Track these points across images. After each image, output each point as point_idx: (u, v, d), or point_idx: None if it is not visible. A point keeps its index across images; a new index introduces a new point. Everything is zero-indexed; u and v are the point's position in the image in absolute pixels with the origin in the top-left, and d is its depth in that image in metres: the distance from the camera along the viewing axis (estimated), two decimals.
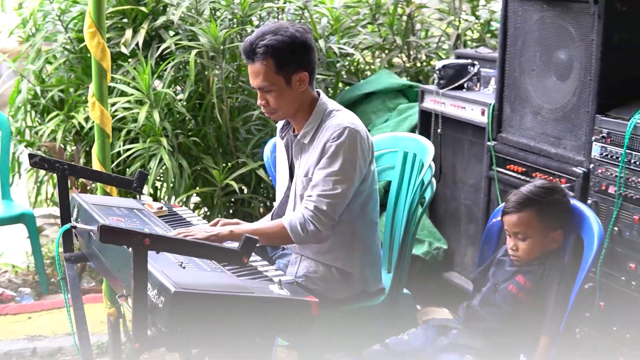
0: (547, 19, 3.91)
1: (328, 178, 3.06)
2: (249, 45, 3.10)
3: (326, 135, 3.12)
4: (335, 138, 3.09)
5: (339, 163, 3.07)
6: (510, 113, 4.19)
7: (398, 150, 3.61)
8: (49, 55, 4.99)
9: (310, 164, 3.15)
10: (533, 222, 2.99)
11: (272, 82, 3.10)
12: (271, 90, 3.12)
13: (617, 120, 3.56)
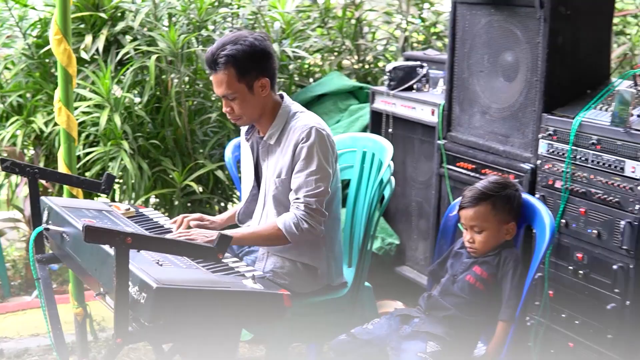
0: (494, 23, 4.10)
1: (309, 178, 3.21)
2: (210, 56, 3.23)
3: (294, 136, 3.26)
4: (304, 139, 3.23)
5: (315, 162, 3.22)
6: (459, 113, 4.38)
7: (357, 150, 3.76)
8: (7, 61, 5.04)
9: (282, 165, 3.29)
10: (488, 216, 3.16)
11: (235, 90, 3.23)
12: (235, 97, 3.25)
13: (562, 118, 3.77)
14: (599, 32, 3.95)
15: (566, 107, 3.83)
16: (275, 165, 3.33)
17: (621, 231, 3.47)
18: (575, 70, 3.89)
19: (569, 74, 3.88)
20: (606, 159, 3.55)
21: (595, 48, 3.94)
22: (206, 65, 3.27)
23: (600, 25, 3.95)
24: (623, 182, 3.48)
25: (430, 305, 3.20)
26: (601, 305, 3.59)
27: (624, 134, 3.48)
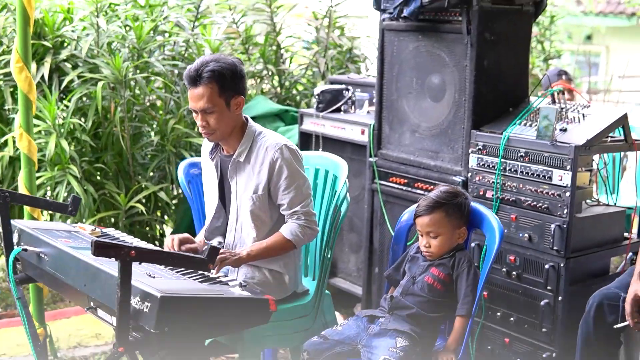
0: (422, 48, 4.46)
1: (299, 191, 3.51)
2: (194, 72, 3.43)
3: (267, 154, 3.50)
4: (279, 157, 3.48)
5: (297, 175, 3.51)
6: (389, 132, 4.71)
7: (309, 167, 4.02)
8: None
9: (258, 182, 3.52)
10: (442, 222, 3.48)
11: (215, 104, 3.45)
12: (213, 112, 3.46)
13: (490, 134, 4.15)
14: (519, 55, 4.37)
15: (492, 124, 4.22)
16: (247, 182, 3.56)
17: (552, 234, 3.86)
18: (499, 91, 4.28)
19: (494, 94, 4.27)
20: (534, 169, 3.94)
21: (515, 70, 4.35)
22: (187, 80, 3.45)
23: (519, 49, 4.36)
24: (551, 189, 3.88)
25: (393, 306, 3.48)
26: (534, 303, 3.97)
27: (550, 147, 3.88)
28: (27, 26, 3.85)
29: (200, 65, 3.45)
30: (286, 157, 3.51)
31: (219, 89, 3.45)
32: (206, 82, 3.43)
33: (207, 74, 3.43)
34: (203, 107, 3.46)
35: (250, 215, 3.56)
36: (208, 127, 3.51)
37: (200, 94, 3.45)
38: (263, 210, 3.56)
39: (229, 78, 3.46)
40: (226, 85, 3.46)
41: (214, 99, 3.45)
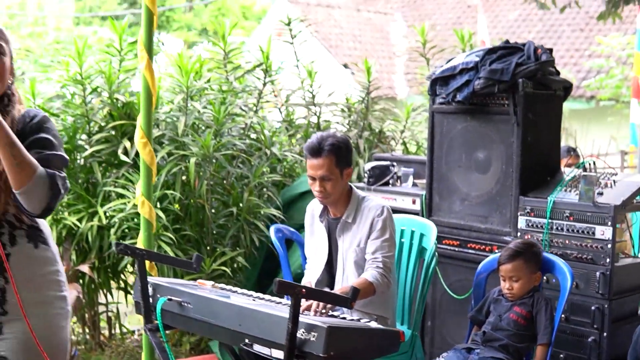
0: (470, 127, 5.21)
1: (384, 244, 4.13)
2: (316, 145, 4.12)
3: (370, 214, 4.18)
4: (379, 214, 4.16)
5: (388, 232, 4.15)
6: (439, 200, 5.42)
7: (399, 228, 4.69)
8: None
9: (361, 237, 4.18)
10: (522, 268, 4.19)
11: (332, 173, 4.13)
12: (330, 179, 4.14)
13: (537, 199, 4.90)
14: (553, 132, 5.16)
15: (536, 191, 4.97)
16: (352, 239, 4.22)
17: (597, 280, 4.59)
18: (539, 162, 5.05)
19: (535, 165, 5.03)
20: (579, 226, 4.69)
21: (550, 144, 5.14)
22: (309, 151, 4.13)
23: (553, 127, 5.15)
24: (594, 243, 4.62)
25: (486, 339, 4.15)
26: (582, 340, 4.66)
27: (592, 207, 4.64)
28: (151, 106, 4.49)
29: (321, 139, 4.14)
30: (384, 215, 4.19)
31: (336, 160, 4.14)
32: (326, 154, 4.12)
33: (327, 147, 4.12)
34: (322, 175, 4.14)
35: (354, 266, 4.21)
36: (324, 192, 4.18)
37: (321, 164, 4.13)
38: (364, 259, 4.21)
39: (344, 151, 4.16)
40: (341, 158, 4.15)
41: (332, 169, 4.14)
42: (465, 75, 5.07)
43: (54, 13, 22.96)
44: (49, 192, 2.72)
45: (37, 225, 2.92)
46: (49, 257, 2.94)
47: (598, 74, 14.51)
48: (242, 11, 21.77)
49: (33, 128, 2.85)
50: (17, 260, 2.83)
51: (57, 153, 2.84)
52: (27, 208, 2.71)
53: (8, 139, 2.65)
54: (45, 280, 2.91)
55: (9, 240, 2.82)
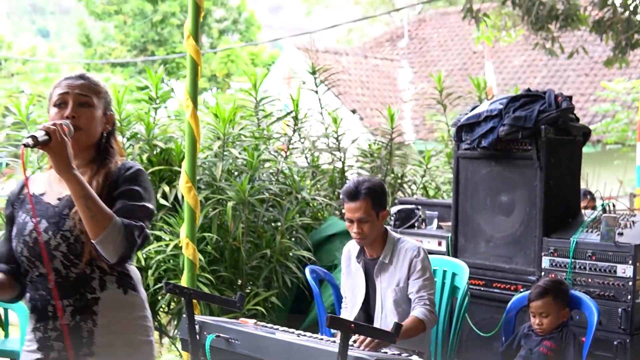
0: (494, 172, 5.46)
1: (426, 282, 4.37)
2: (354, 189, 4.37)
3: (407, 255, 4.41)
4: (417, 255, 4.40)
5: (428, 272, 4.40)
6: (464, 242, 5.66)
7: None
8: None
9: (400, 277, 4.41)
10: (551, 305, 4.42)
11: (369, 215, 4.38)
12: (367, 221, 4.39)
13: (559, 239, 5.13)
14: (573, 176, 5.41)
15: (559, 232, 5.21)
16: (390, 279, 4.45)
17: (619, 316, 4.82)
18: (561, 205, 5.30)
19: (557, 208, 5.27)
20: (601, 265, 4.93)
21: (571, 188, 5.39)
22: (347, 195, 4.38)
23: (573, 171, 5.41)
24: (616, 280, 4.86)
25: None
26: None
27: (614, 246, 4.88)
28: (195, 152, 4.75)
29: (358, 184, 4.40)
30: (422, 256, 4.44)
31: (372, 203, 4.39)
32: (363, 197, 4.37)
33: (364, 190, 4.37)
34: (359, 218, 4.38)
35: (393, 305, 4.43)
36: (362, 234, 4.42)
37: (358, 207, 4.38)
38: (403, 299, 4.44)
39: (380, 195, 4.41)
40: (378, 201, 4.40)
41: (369, 211, 4.38)
42: (490, 122, 5.34)
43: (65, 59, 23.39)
44: (125, 242, 2.80)
45: (127, 272, 3.02)
46: (138, 302, 3.04)
47: (604, 118, 14.80)
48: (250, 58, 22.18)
49: (125, 179, 2.95)
50: (106, 305, 2.93)
51: (143, 204, 2.92)
52: (105, 256, 2.81)
53: (83, 192, 2.76)
54: (133, 325, 3.01)
55: (99, 285, 2.92)
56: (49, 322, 2.92)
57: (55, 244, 2.88)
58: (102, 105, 3.03)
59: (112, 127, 3.09)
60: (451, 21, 21.07)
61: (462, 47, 19.85)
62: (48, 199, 2.99)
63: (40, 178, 3.10)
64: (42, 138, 2.72)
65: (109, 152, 3.04)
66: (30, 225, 2.93)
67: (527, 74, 17.88)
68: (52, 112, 2.99)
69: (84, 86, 3.00)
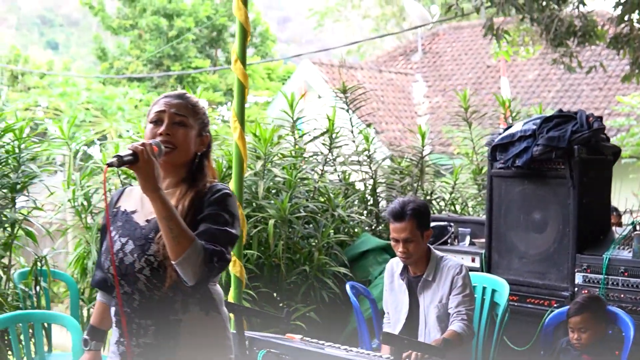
0: (527, 190, 5.62)
1: (465, 299, 4.52)
2: (399, 209, 4.53)
3: (450, 272, 4.57)
4: (459, 272, 4.56)
5: (468, 289, 4.55)
6: (498, 258, 5.80)
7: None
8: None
9: (442, 294, 4.56)
10: (590, 320, 4.57)
11: (414, 235, 4.53)
12: (412, 241, 4.54)
13: (592, 256, 5.28)
14: (604, 194, 5.57)
15: (591, 249, 5.35)
16: (433, 296, 4.61)
17: None
18: (593, 222, 5.45)
19: (589, 225, 5.42)
20: (633, 281, 5.08)
21: (603, 205, 5.55)
22: (392, 215, 4.53)
23: (604, 189, 5.57)
24: None
25: None
26: None
27: None
28: (242, 172, 4.91)
29: (404, 205, 4.55)
30: (463, 273, 4.59)
31: (417, 223, 4.54)
32: (408, 218, 4.53)
33: (409, 211, 4.53)
34: (405, 238, 4.54)
35: (436, 320, 4.59)
36: (407, 253, 4.58)
37: (403, 227, 4.53)
38: (446, 315, 4.59)
39: (424, 215, 4.57)
40: (422, 221, 4.56)
41: (414, 231, 4.54)
42: (524, 142, 5.49)
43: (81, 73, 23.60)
44: (203, 265, 2.80)
45: (209, 293, 3.03)
46: (219, 323, 3.06)
47: (618, 132, 14.92)
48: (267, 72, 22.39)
49: (212, 202, 2.94)
50: (188, 326, 2.96)
51: (225, 229, 2.90)
52: (184, 278, 2.83)
53: (167, 213, 2.79)
54: (214, 345, 3.04)
55: (181, 307, 2.95)
56: (133, 338, 2.99)
57: (139, 267, 2.93)
58: (198, 126, 3.05)
59: (206, 148, 3.09)
60: (464, 35, 21.24)
61: (476, 62, 20.01)
62: (138, 218, 3.03)
63: (136, 192, 3.12)
64: (127, 158, 2.76)
65: (200, 173, 3.04)
66: (118, 244, 2.99)
67: (542, 88, 18.02)
68: (147, 128, 3.02)
69: (181, 105, 3.03)
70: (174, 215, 2.79)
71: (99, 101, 18.48)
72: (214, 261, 2.84)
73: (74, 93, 18.90)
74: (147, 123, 3.05)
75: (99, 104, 18.46)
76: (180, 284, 2.90)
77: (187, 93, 3.14)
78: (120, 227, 3.04)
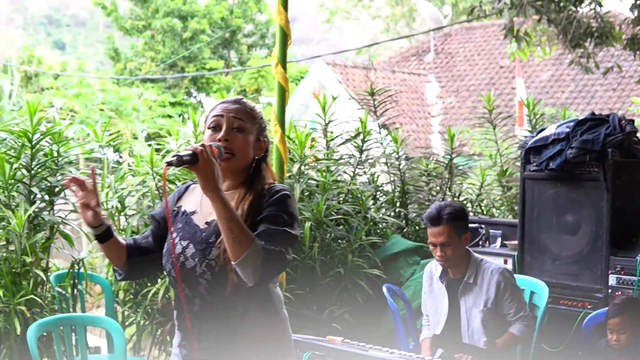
0: (560, 192, 5.67)
1: (520, 304, 4.62)
2: (436, 214, 4.58)
3: (494, 277, 4.61)
4: (505, 279, 4.62)
5: (518, 292, 4.61)
6: (530, 260, 5.86)
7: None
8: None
9: (487, 298, 4.61)
10: (628, 322, 4.63)
11: (451, 239, 4.59)
12: (450, 245, 4.60)
13: (626, 258, 5.34)
14: (636, 196, 5.62)
15: (625, 251, 5.41)
16: (475, 299, 4.65)
17: None
18: (626, 224, 5.50)
19: (622, 227, 5.48)
20: None
21: (635, 208, 5.60)
22: (429, 220, 4.59)
23: (636, 192, 5.62)
24: None
25: None
26: None
27: None
28: (283, 175, 4.98)
29: (440, 209, 4.61)
30: (510, 281, 4.65)
31: (454, 227, 4.60)
32: (445, 222, 4.58)
33: (446, 215, 4.58)
34: (442, 242, 4.60)
35: (481, 324, 4.63)
36: (445, 257, 4.63)
37: (441, 231, 4.59)
38: (492, 318, 4.64)
39: (461, 219, 4.63)
40: (459, 224, 4.62)
41: (451, 235, 4.59)
42: (558, 145, 5.55)
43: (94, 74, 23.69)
44: (263, 266, 2.82)
45: (269, 296, 3.05)
46: (279, 326, 3.08)
47: None
48: None
49: (271, 203, 2.95)
50: (248, 330, 2.98)
51: (285, 229, 2.92)
52: (243, 278, 2.85)
53: (227, 213, 2.81)
54: (274, 347, 3.05)
55: (241, 310, 2.97)
56: (194, 342, 3.01)
57: (200, 272, 2.95)
58: (256, 131, 3.07)
59: (264, 153, 3.11)
60: (477, 36, 21.29)
61: (489, 62, 20.06)
62: (197, 220, 3.04)
63: (196, 191, 3.13)
64: (186, 157, 2.78)
65: (259, 177, 3.06)
66: (179, 247, 3.01)
67: (555, 88, 18.07)
68: (206, 134, 3.03)
69: (239, 110, 3.04)
70: (235, 216, 2.81)
71: (114, 102, 18.53)
72: (274, 261, 2.86)
73: (89, 94, 18.95)
74: (205, 129, 3.05)
75: (114, 105, 18.52)
76: (241, 288, 2.92)
77: (243, 98, 3.15)
78: (180, 229, 3.05)
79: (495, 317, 4.65)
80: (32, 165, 5.70)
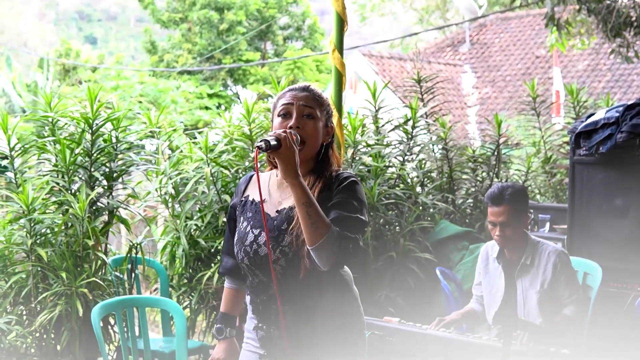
0: (610, 176, 5.73)
1: (574, 286, 4.69)
2: (498, 193, 4.66)
3: (551, 259, 4.67)
4: (562, 261, 4.67)
5: (573, 273, 4.70)
6: (580, 244, 5.93)
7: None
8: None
9: (543, 279, 4.67)
10: None
11: (511, 219, 4.67)
12: (510, 225, 4.68)
13: None
14: None
15: None
16: (532, 280, 4.72)
17: None
18: None
19: None
20: None
21: None
22: (490, 199, 4.66)
23: None
24: None
25: None
26: None
27: None
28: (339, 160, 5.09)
29: (502, 189, 4.70)
30: (567, 261, 4.72)
31: (515, 208, 4.68)
32: (507, 202, 4.67)
33: (507, 196, 4.67)
34: (502, 221, 4.68)
35: (537, 305, 4.71)
36: (503, 237, 4.71)
37: (502, 211, 4.67)
38: (548, 300, 4.71)
39: (522, 200, 4.72)
40: (520, 205, 4.70)
41: (511, 215, 4.68)
42: (607, 130, 5.63)
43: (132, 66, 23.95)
44: (338, 251, 2.87)
45: (341, 275, 3.13)
46: (353, 302, 3.17)
47: None
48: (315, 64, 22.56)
49: (340, 190, 3.01)
50: (324, 309, 3.07)
51: (357, 216, 2.97)
52: (318, 263, 2.92)
53: (306, 199, 2.85)
54: (349, 324, 3.14)
55: (316, 291, 3.06)
56: (271, 324, 3.13)
57: (274, 258, 3.02)
58: (324, 118, 3.13)
59: (331, 138, 3.17)
60: (512, 26, 21.29)
61: (525, 52, 20.06)
62: (267, 208, 3.10)
63: (262, 181, 3.15)
64: (273, 143, 2.85)
65: (327, 163, 3.12)
66: (251, 235, 3.11)
67: (592, 78, 18.05)
68: (276, 122, 3.09)
69: (308, 98, 3.10)
70: (313, 202, 2.89)
71: (152, 94, 18.76)
72: (349, 248, 2.92)
73: (127, 86, 19.20)
74: (275, 117, 3.12)
75: (152, 97, 18.74)
76: (315, 271, 3.00)
77: (311, 85, 3.22)
78: (251, 217, 3.14)
79: (550, 299, 4.73)
80: (92, 150, 5.83)
